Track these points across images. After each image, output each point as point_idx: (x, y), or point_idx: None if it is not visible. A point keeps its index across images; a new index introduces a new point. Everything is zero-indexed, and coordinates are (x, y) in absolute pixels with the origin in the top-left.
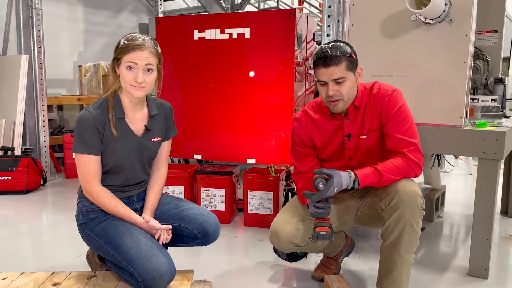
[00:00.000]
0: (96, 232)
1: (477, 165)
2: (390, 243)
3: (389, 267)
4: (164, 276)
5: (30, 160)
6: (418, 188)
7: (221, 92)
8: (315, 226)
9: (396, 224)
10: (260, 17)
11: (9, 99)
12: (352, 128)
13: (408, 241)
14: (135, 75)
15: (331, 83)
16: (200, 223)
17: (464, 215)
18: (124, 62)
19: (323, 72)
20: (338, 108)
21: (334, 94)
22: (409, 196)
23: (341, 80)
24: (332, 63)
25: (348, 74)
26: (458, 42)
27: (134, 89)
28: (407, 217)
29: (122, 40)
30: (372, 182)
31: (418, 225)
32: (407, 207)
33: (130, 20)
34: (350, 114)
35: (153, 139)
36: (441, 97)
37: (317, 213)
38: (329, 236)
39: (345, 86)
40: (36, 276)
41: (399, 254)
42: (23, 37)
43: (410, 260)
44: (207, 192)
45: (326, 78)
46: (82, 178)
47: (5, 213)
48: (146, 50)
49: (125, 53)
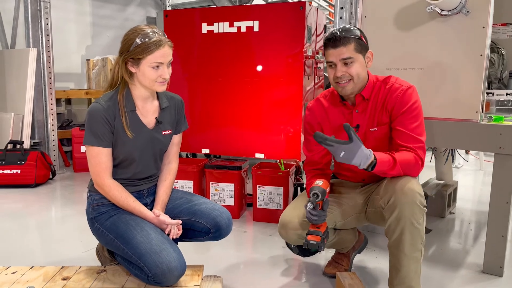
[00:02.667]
0: (106, 226)
1: (490, 161)
2: (393, 241)
3: (397, 266)
4: (175, 271)
5: (38, 154)
6: (417, 185)
7: (229, 86)
8: (307, 233)
9: (397, 223)
10: (269, 10)
11: (18, 92)
12: (361, 120)
13: (411, 240)
14: (161, 72)
15: (340, 64)
16: (213, 218)
17: (476, 211)
18: (148, 62)
19: (332, 52)
20: (347, 90)
21: (343, 75)
22: (406, 195)
23: (349, 60)
24: (340, 44)
25: (357, 55)
26: (474, 34)
27: (159, 84)
28: (407, 216)
29: (137, 40)
30: (384, 170)
31: (419, 223)
32: (406, 206)
33: (137, 14)
34: (359, 105)
35: (164, 132)
36: (456, 91)
37: (311, 219)
38: (319, 246)
39: (354, 67)
40: (45, 270)
41: (403, 253)
42: (31, 30)
43: (417, 257)
44: (216, 187)
45: (334, 58)
46: (93, 170)
47: (14, 206)
48: (166, 45)
49: (148, 53)
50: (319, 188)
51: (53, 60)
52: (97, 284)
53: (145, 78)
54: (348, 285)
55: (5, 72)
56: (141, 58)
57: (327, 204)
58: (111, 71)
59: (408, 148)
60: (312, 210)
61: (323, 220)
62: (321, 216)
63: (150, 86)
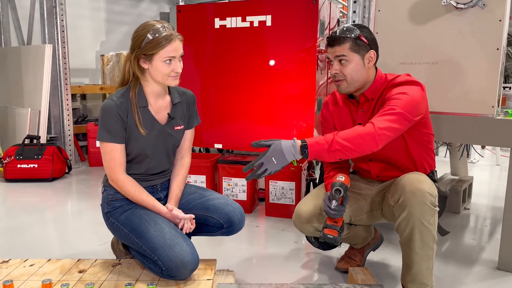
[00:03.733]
0: (120, 221)
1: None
2: (404, 239)
3: (408, 263)
4: (188, 265)
5: (55, 149)
6: (427, 183)
7: (242, 81)
8: (324, 226)
9: (407, 223)
10: (282, 4)
11: (34, 88)
12: (364, 119)
13: (421, 239)
14: (174, 66)
15: (335, 62)
16: (226, 213)
17: (491, 207)
18: (160, 57)
19: (329, 51)
20: (341, 89)
21: (336, 73)
22: (415, 195)
23: (343, 58)
24: (335, 43)
25: (352, 55)
26: (491, 28)
27: (172, 79)
28: (417, 216)
29: (149, 35)
30: (321, 151)
31: (430, 223)
32: (415, 207)
33: (151, 9)
34: (363, 104)
35: (176, 127)
36: (472, 85)
37: (329, 213)
38: (335, 240)
39: (349, 68)
40: (62, 263)
41: (414, 251)
42: (47, 27)
43: (429, 254)
44: (228, 182)
45: (330, 56)
46: (107, 166)
47: (31, 200)
48: (176, 39)
49: (160, 48)
50: (342, 184)
51: (68, 56)
52: (112, 277)
53: (158, 73)
54: (361, 281)
55: (21, 68)
56: (153, 54)
57: (347, 200)
58: (122, 69)
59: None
60: (331, 204)
61: (341, 215)
62: (340, 211)
63: (163, 81)
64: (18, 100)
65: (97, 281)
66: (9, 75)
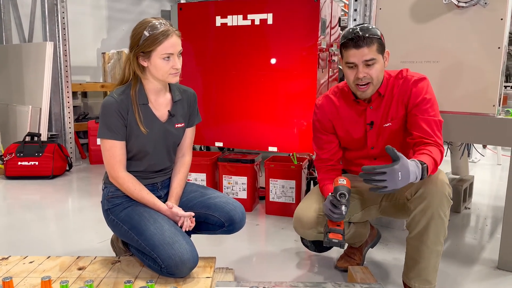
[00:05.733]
0: (120, 218)
1: (508, 155)
2: (417, 233)
3: (416, 258)
4: (187, 263)
5: (56, 146)
6: (445, 177)
7: (243, 79)
8: (328, 230)
9: (423, 214)
10: (283, 2)
11: (35, 85)
12: (375, 116)
13: (435, 231)
14: (173, 63)
15: (361, 65)
16: (227, 211)
17: (492, 206)
18: (158, 54)
19: (354, 53)
20: (367, 93)
21: (364, 76)
22: (436, 186)
23: (372, 62)
24: (364, 44)
25: (379, 56)
26: (492, 26)
27: (173, 76)
28: (435, 207)
29: (145, 32)
30: (432, 171)
31: (446, 215)
32: (435, 197)
33: (152, 7)
34: (374, 101)
35: (177, 124)
36: (473, 84)
37: (332, 217)
38: (340, 244)
39: (375, 69)
40: (62, 260)
41: (426, 245)
42: (48, 24)
43: (438, 251)
44: (229, 180)
45: (356, 59)
46: (107, 163)
47: (32, 197)
48: (174, 34)
49: (157, 44)
50: (345, 188)
51: (69, 53)
52: (111, 274)
53: (157, 70)
54: (360, 279)
55: (22, 66)
56: (151, 51)
57: (348, 202)
58: (122, 68)
59: (430, 141)
60: (335, 209)
61: (343, 218)
62: (342, 215)
63: (164, 78)
64: (19, 97)
65: (96, 278)
66: (10, 73)
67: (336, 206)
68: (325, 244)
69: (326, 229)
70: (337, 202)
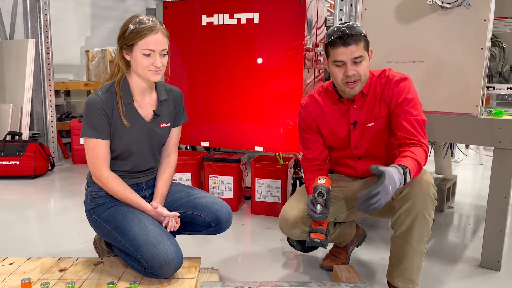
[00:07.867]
0: (103, 218)
1: (490, 155)
2: (401, 233)
3: (400, 257)
4: (171, 264)
5: (37, 145)
6: (431, 177)
7: (229, 79)
8: (310, 230)
9: (408, 214)
10: (269, 2)
11: (16, 84)
12: (359, 116)
13: (420, 231)
14: (153, 60)
15: (350, 63)
16: (213, 212)
17: (475, 205)
18: (139, 49)
19: (342, 51)
20: (356, 90)
21: (354, 74)
22: (421, 186)
23: (360, 59)
24: (352, 42)
25: (365, 54)
26: (475, 27)
27: (152, 74)
28: (419, 207)
29: (130, 25)
30: (416, 173)
31: (430, 215)
32: (419, 198)
33: (137, 5)
34: (357, 101)
35: (162, 124)
36: (456, 85)
37: (313, 216)
38: (323, 244)
39: (363, 66)
40: (43, 261)
41: (410, 244)
42: (30, 21)
43: (422, 250)
44: (214, 180)
45: (345, 57)
46: (90, 162)
47: (13, 198)
48: (159, 32)
49: (139, 38)
50: (324, 187)
51: (52, 51)
52: (94, 276)
53: (137, 65)
54: (345, 278)
55: (3, 63)
56: (133, 44)
57: (329, 202)
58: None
59: (414, 141)
60: (316, 208)
61: (325, 217)
62: (324, 214)
63: (143, 74)
64: (0, 95)
65: (78, 280)
66: None
67: (315, 205)
68: (308, 244)
69: (309, 229)
70: (315, 201)
